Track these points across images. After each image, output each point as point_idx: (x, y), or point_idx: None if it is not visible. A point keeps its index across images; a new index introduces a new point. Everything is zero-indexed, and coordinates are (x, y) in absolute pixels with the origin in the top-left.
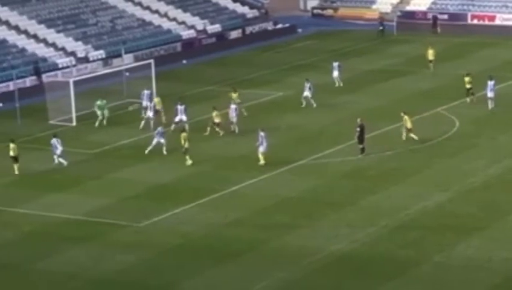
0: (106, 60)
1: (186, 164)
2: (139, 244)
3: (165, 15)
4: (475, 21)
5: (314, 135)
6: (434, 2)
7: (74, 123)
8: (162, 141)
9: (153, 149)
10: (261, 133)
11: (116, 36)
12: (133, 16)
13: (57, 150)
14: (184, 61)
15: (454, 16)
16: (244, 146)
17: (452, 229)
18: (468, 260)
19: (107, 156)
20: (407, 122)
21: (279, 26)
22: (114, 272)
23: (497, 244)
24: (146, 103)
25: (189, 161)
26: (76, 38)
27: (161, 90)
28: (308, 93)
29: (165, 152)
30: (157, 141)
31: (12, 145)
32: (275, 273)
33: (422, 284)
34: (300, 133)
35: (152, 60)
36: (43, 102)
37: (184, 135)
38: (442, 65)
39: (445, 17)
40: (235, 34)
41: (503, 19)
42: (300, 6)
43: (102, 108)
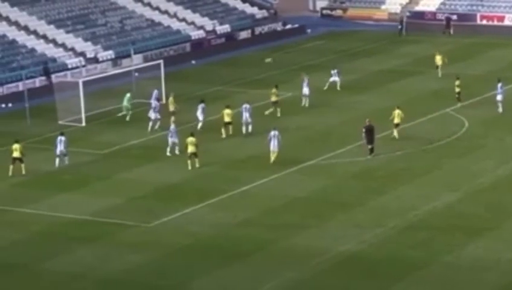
0: (115, 61)
1: (196, 166)
2: (147, 244)
3: (174, 15)
4: (484, 21)
5: (323, 135)
6: (443, 3)
7: (83, 123)
8: (176, 140)
9: (171, 149)
10: (271, 132)
11: (125, 36)
12: (142, 16)
13: (56, 148)
14: (193, 62)
15: (463, 17)
16: (253, 146)
17: (461, 229)
18: (476, 260)
19: (116, 157)
20: (396, 116)
21: (289, 26)
22: (122, 272)
23: (506, 245)
24: (154, 102)
25: (189, 165)
26: (86, 39)
27: (170, 91)
28: (306, 91)
29: (177, 152)
30: (171, 140)
31: (16, 146)
32: (283, 273)
33: (430, 285)
34: (309, 134)
35: (161, 61)
36: (53, 102)
37: (191, 139)
38: (451, 66)
39: (454, 17)
40: (244, 35)
41: None
42: (310, 6)
43: (130, 101)
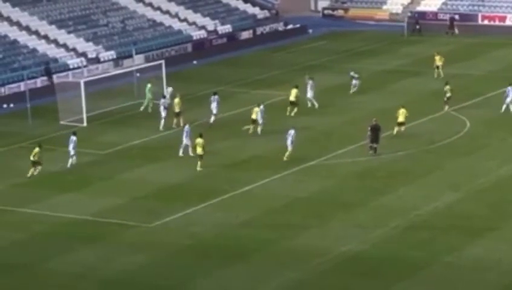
0: (117, 61)
1: (198, 169)
2: (149, 244)
3: (175, 15)
4: (486, 22)
5: (325, 135)
6: (445, 3)
7: (85, 124)
8: (188, 142)
9: (183, 150)
10: (289, 131)
11: (127, 37)
12: (143, 17)
13: (73, 149)
14: (195, 62)
15: (464, 17)
16: (255, 147)
17: (462, 229)
18: (478, 260)
19: (117, 157)
20: (400, 115)
21: (290, 26)
22: (123, 272)
23: (508, 245)
24: (164, 100)
25: (199, 167)
26: (87, 39)
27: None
28: (310, 94)
29: (191, 153)
30: (186, 141)
31: (35, 150)
32: (285, 273)
33: (432, 285)
34: (311, 134)
35: (163, 61)
36: (54, 103)
37: (199, 141)
38: (453, 66)
39: (455, 17)
40: (245, 35)
41: None
42: (311, 6)
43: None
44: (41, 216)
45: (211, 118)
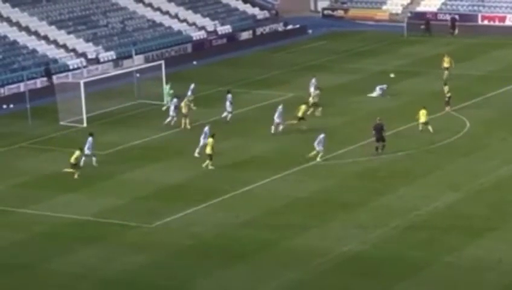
0: (117, 61)
1: (209, 168)
2: (149, 245)
3: (175, 16)
4: (485, 22)
5: (326, 135)
6: (444, 3)
7: (85, 124)
8: (206, 142)
9: (200, 150)
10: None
11: (126, 37)
12: (143, 17)
13: (88, 149)
14: (194, 62)
15: (464, 17)
16: (256, 147)
17: (462, 229)
18: (478, 260)
19: (118, 157)
20: (421, 116)
21: (290, 27)
22: (124, 272)
23: (508, 245)
24: (191, 96)
25: (210, 166)
26: (87, 40)
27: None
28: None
29: (196, 154)
30: (203, 141)
31: (78, 153)
32: (285, 273)
33: (432, 285)
34: (311, 134)
35: (162, 61)
36: (54, 103)
37: (210, 140)
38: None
39: (455, 18)
40: (245, 35)
41: None
42: (311, 7)
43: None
44: (42, 217)
45: (227, 116)
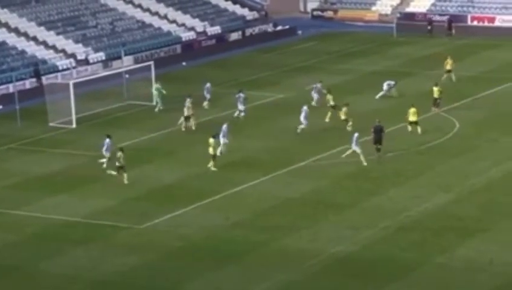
0: (106, 62)
1: (211, 169)
2: (140, 246)
3: (164, 17)
4: (475, 22)
5: (316, 136)
6: (434, 4)
7: (74, 125)
8: (226, 141)
9: (223, 150)
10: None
11: (116, 38)
12: (132, 18)
13: (106, 151)
14: (184, 63)
15: (454, 18)
16: (246, 148)
17: (454, 230)
18: (469, 261)
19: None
20: (411, 114)
21: (279, 28)
22: (115, 274)
23: (499, 246)
24: (207, 95)
25: (213, 167)
26: (76, 41)
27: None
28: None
29: (218, 153)
30: (223, 140)
31: (119, 154)
32: (276, 275)
33: (424, 286)
34: (301, 135)
35: (152, 62)
36: (43, 104)
37: (211, 141)
38: (442, 67)
39: (445, 18)
40: (235, 36)
41: (503, 20)
42: (300, 8)
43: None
44: (33, 218)
45: (240, 115)
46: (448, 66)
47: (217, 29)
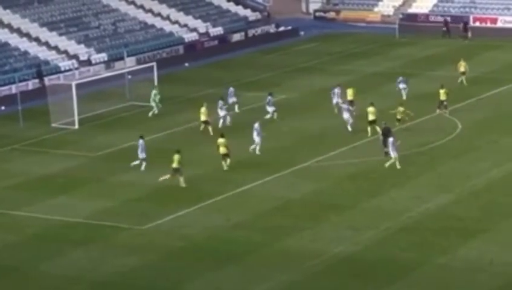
0: (108, 63)
1: (224, 168)
2: (141, 247)
3: (167, 18)
4: (477, 23)
5: (318, 137)
6: (436, 5)
7: (77, 126)
8: (257, 140)
9: (258, 147)
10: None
11: (118, 39)
12: (135, 19)
13: (141, 153)
14: (186, 64)
15: (456, 19)
16: (247, 149)
17: (455, 231)
18: (470, 262)
19: (109, 159)
20: (399, 113)
21: (282, 28)
22: (116, 274)
23: (500, 247)
24: (232, 99)
25: (225, 166)
26: (79, 41)
27: (163, 93)
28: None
29: (257, 152)
30: (258, 139)
31: (176, 156)
32: (277, 275)
33: (424, 286)
34: (303, 136)
35: (154, 63)
36: (46, 105)
37: (221, 141)
38: (445, 68)
39: (447, 19)
40: (237, 37)
41: (505, 21)
42: (303, 9)
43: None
44: (34, 219)
45: (273, 114)
46: (462, 68)
47: (219, 30)
